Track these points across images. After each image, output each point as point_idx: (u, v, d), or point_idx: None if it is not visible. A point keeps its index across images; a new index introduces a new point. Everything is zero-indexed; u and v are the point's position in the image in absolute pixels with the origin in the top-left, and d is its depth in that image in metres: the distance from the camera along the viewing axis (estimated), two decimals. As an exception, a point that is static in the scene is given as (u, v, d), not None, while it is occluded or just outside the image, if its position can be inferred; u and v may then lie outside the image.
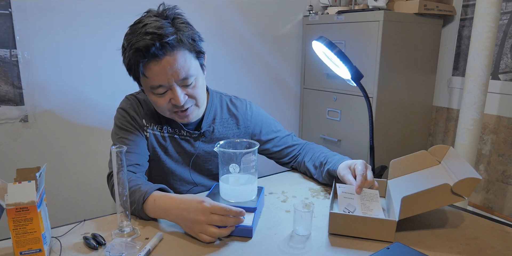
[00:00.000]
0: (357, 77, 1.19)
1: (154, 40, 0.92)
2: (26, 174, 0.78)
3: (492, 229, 0.90)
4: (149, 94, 1.04)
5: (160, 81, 0.98)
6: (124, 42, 0.99)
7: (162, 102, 1.02)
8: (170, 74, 0.97)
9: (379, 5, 1.92)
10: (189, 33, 0.99)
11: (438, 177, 0.98)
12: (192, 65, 1.01)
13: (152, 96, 1.03)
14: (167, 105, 1.03)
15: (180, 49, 0.97)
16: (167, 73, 0.97)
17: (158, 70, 0.96)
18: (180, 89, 1.01)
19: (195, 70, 1.02)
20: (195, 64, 1.03)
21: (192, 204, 0.84)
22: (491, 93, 1.96)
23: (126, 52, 0.97)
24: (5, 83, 1.56)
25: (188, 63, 0.99)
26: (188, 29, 1.00)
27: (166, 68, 0.96)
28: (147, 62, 0.95)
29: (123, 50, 1.00)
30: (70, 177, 1.78)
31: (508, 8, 1.87)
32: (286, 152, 1.26)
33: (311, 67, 2.30)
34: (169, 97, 1.02)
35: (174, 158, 1.16)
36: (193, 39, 1.01)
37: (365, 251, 0.80)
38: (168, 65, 0.96)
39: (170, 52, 0.95)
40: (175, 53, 0.96)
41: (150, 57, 0.94)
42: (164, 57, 0.95)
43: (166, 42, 0.93)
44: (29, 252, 0.74)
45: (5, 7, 1.51)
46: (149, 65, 0.96)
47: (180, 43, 0.97)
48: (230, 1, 2.05)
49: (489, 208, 2.07)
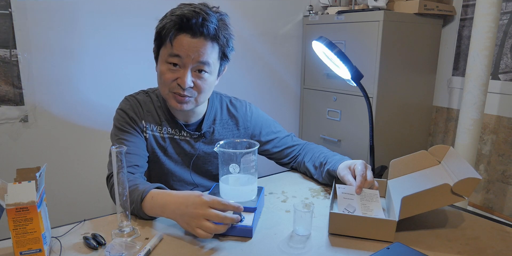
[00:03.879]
0: (357, 77, 1.19)
1: (198, 17, 0.96)
2: (26, 174, 0.78)
3: (492, 229, 0.90)
4: (162, 64, 1.04)
5: (182, 52, 0.99)
6: (167, 13, 1.02)
7: (169, 76, 1.03)
8: (193, 52, 0.99)
9: (379, 5, 1.92)
10: (227, 34, 1.04)
11: (438, 177, 0.98)
12: (214, 60, 1.04)
13: (163, 66, 1.03)
14: (172, 82, 1.03)
15: (214, 41, 1.01)
16: (191, 49, 0.99)
17: (185, 43, 0.99)
18: (192, 74, 1.03)
19: (214, 66, 1.05)
20: (217, 63, 1.06)
21: (190, 198, 0.84)
22: (491, 93, 1.96)
23: (165, 18, 1.01)
24: (5, 83, 1.56)
25: (212, 56, 1.03)
26: (228, 32, 1.05)
27: (192, 46, 0.99)
28: (180, 33, 0.98)
29: (162, 18, 1.02)
30: (70, 177, 1.78)
31: (508, 8, 1.87)
32: (286, 152, 1.26)
33: (311, 67, 2.30)
34: (178, 75, 1.02)
35: (173, 159, 1.16)
36: (227, 42, 1.05)
37: (365, 251, 0.80)
38: (196, 45, 0.99)
39: (205, 36, 0.99)
40: (207, 41, 1.00)
41: (186, 29, 0.97)
42: (197, 36, 0.98)
43: (208, 25, 0.97)
44: (29, 252, 0.74)
45: (5, 7, 1.51)
46: (180, 35, 0.99)
47: (216, 36, 1.00)
48: (230, 1, 2.05)
49: (489, 208, 2.07)
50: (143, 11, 1.78)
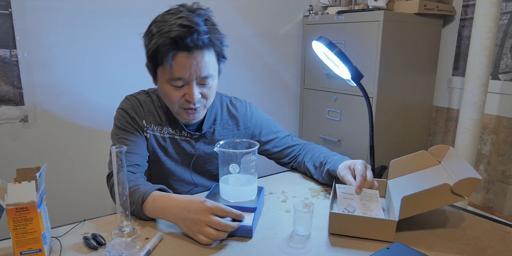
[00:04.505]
0: (357, 77, 1.19)
1: (190, 33, 0.94)
2: (26, 174, 0.78)
3: (492, 229, 0.90)
4: (164, 85, 1.03)
5: (183, 74, 0.98)
6: (152, 28, 0.99)
7: (176, 95, 1.02)
8: (194, 69, 0.98)
9: (379, 5, 1.92)
10: (220, 36, 1.03)
11: (438, 177, 0.98)
12: (214, 66, 1.03)
13: (167, 87, 1.02)
14: (180, 99, 1.03)
15: (210, 48, 1.00)
16: (191, 68, 0.98)
17: (185, 63, 0.97)
18: (197, 87, 1.02)
19: (215, 71, 1.05)
20: (216, 66, 1.06)
21: (193, 203, 0.84)
22: (491, 93, 1.96)
23: (155, 38, 0.97)
24: (5, 83, 1.56)
25: (212, 64, 1.02)
26: (219, 33, 1.03)
27: (192, 63, 0.98)
28: (177, 53, 0.96)
29: (149, 36, 0.99)
30: (70, 177, 1.78)
31: (508, 8, 1.87)
32: (286, 152, 1.26)
33: (311, 67, 2.30)
34: (184, 92, 1.02)
35: (174, 159, 1.16)
36: (222, 43, 1.04)
37: (365, 251, 0.80)
38: (195, 61, 0.98)
39: (201, 49, 0.97)
40: (204, 51, 0.99)
41: (182, 48, 0.95)
42: (194, 51, 0.97)
43: (201, 38, 0.95)
44: (29, 252, 0.74)
45: (5, 7, 1.51)
46: (178, 56, 0.97)
47: (211, 43, 0.99)
48: (230, 1, 2.05)
49: (489, 208, 2.07)
50: (143, 11, 1.78)
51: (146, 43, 1.01)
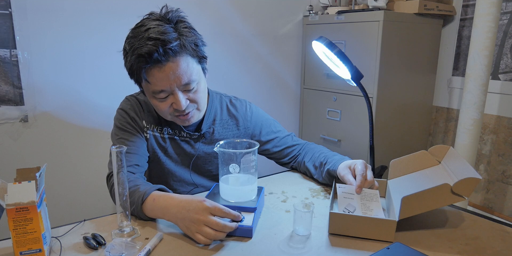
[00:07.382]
0: (357, 77, 1.19)
1: (157, 46, 0.91)
2: (26, 174, 0.78)
3: (492, 229, 0.90)
4: (150, 98, 1.04)
5: (162, 87, 0.98)
6: (126, 45, 0.98)
7: (164, 106, 1.02)
8: (173, 79, 0.97)
9: (379, 5, 1.92)
10: (192, 39, 0.99)
11: (438, 177, 0.98)
12: (194, 70, 1.00)
13: (154, 100, 1.03)
14: (169, 109, 1.03)
15: (182, 54, 0.97)
16: (169, 78, 0.96)
17: (161, 76, 0.96)
18: (182, 94, 1.01)
19: (197, 75, 1.02)
20: (197, 68, 1.03)
21: (193, 203, 0.84)
22: (491, 93, 1.96)
23: (128, 56, 0.97)
24: (5, 83, 1.56)
25: (190, 69, 0.99)
26: (191, 34, 0.99)
27: (168, 74, 0.96)
28: (149, 68, 0.95)
29: (124, 54, 0.99)
30: (70, 177, 1.78)
31: (508, 8, 1.87)
32: (286, 152, 1.26)
33: (311, 67, 2.30)
34: (171, 101, 1.01)
35: (174, 159, 1.16)
36: (196, 44, 1.00)
37: (365, 251, 0.80)
38: (171, 71, 0.96)
39: (173, 58, 0.95)
40: (178, 59, 0.96)
41: (152, 63, 0.94)
42: (167, 63, 0.95)
43: (169, 48, 0.93)
44: (29, 252, 0.74)
45: (5, 7, 1.51)
46: (152, 71, 0.95)
47: (183, 49, 0.96)
48: (230, 1, 2.05)
49: (489, 208, 2.07)
50: (143, 11, 1.78)
51: (124, 62, 1.00)
